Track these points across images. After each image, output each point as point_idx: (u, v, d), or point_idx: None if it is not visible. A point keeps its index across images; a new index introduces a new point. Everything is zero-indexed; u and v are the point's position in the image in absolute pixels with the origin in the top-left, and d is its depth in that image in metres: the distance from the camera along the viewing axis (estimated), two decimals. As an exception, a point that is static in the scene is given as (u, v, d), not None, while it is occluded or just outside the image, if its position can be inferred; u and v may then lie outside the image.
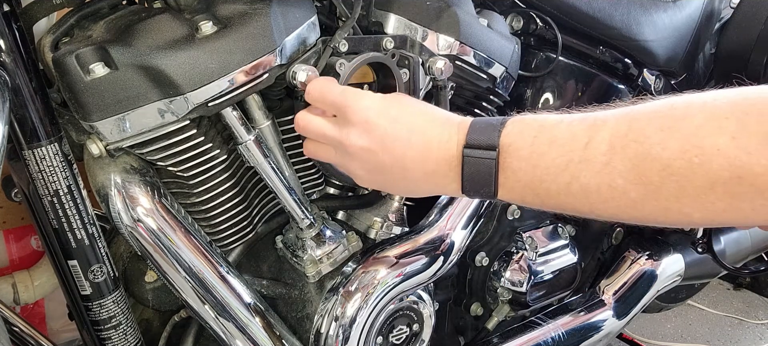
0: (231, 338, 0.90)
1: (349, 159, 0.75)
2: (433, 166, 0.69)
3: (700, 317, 2.14)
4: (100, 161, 0.80)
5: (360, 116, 0.72)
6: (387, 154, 0.71)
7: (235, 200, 0.90)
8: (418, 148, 0.70)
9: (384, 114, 0.72)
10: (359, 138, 0.72)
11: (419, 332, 1.05)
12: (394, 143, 0.71)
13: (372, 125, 0.71)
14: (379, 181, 0.75)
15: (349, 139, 0.73)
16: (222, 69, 0.76)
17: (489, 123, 0.67)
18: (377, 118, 0.71)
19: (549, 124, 0.63)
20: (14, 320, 0.91)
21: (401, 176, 0.72)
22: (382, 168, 0.72)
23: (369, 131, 0.71)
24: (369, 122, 0.71)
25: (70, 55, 0.72)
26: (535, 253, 1.22)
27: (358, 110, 0.72)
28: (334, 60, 0.83)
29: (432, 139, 0.69)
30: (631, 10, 1.22)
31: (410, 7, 0.91)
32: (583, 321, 1.30)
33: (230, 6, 0.78)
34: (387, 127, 0.71)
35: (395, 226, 1.03)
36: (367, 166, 0.74)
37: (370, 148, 0.72)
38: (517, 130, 0.64)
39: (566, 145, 0.60)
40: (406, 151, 0.70)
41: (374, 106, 0.72)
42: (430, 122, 0.71)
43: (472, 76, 1.00)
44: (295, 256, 0.97)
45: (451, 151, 0.68)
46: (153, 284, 0.96)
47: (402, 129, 0.71)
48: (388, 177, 0.73)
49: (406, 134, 0.70)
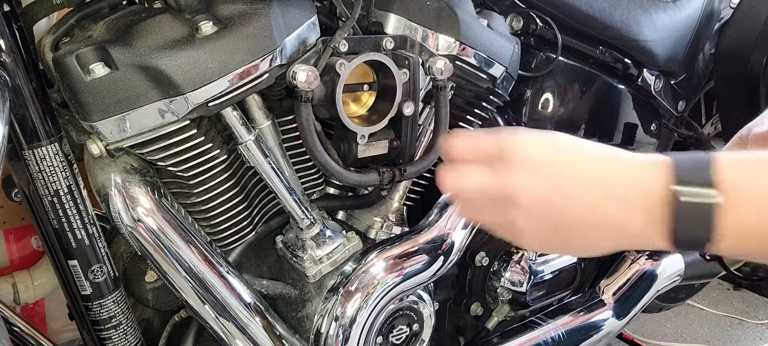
0: (231, 338, 0.90)
1: (515, 211, 0.59)
2: (625, 213, 0.56)
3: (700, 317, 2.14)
4: (100, 161, 0.80)
5: (523, 153, 0.58)
6: (562, 196, 0.57)
7: (235, 200, 0.90)
8: (601, 190, 0.56)
9: (552, 147, 0.58)
10: (525, 179, 0.57)
11: (419, 332, 1.05)
12: (571, 183, 0.57)
13: (539, 163, 0.57)
14: (554, 238, 0.60)
15: (514, 184, 0.58)
16: (222, 69, 0.76)
17: (696, 160, 0.55)
18: (544, 153, 0.58)
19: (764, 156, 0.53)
20: (14, 320, 0.91)
21: (579, 227, 0.58)
22: (557, 216, 0.58)
23: (536, 170, 0.57)
24: (535, 160, 0.58)
25: (70, 55, 0.72)
26: (535, 253, 1.22)
27: (519, 147, 0.58)
28: (334, 60, 0.83)
29: (621, 179, 0.56)
30: (631, 10, 1.22)
31: (410, 7, 0.91)
32: (583, 321, 1.30)
33: (230, 6, 0.78)
34: (558, 163, 0.57)
35: (395, 226, 1.03)
36: (537, 218, 0.58)
37: (539, 190, 0.57)
38: (735, 167, 0.54)
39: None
40: (586, 194, 0.57)
41: (538, 142, 0.58)
42: (613, 158, 0.57)
43: (472, 76, 1.00)
44: (295, 256, 0.97)
45: (650, 194, 0.55)
46: (153, 284, 0.96)
47: (578, 166, 0.57)
48: (564, 230, 0.59)
49: (585, 174, 0.57)
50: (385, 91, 0.91)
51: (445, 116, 0.95)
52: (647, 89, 1.33)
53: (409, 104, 0.89)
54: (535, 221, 0.59)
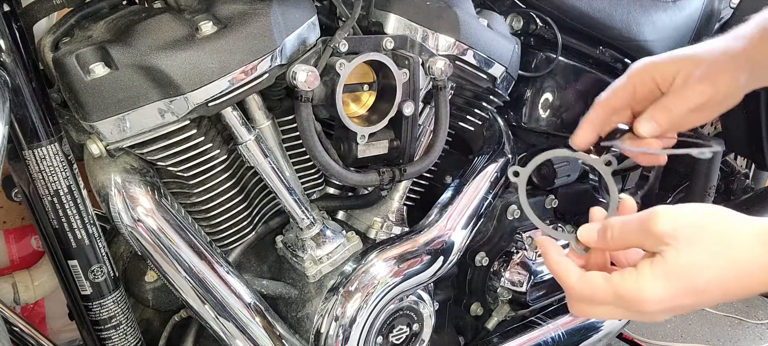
0: (231, 338, 0.90)
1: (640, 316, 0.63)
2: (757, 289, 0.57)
3: (700, 317, 2.14)
4: (100, 161, 0.80)
5: (656, 311, 0.60)
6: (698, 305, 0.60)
7: (235, 200, 0.90)
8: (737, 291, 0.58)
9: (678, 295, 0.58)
10: (666, 316, 0.61)
11: (419, 332, 1.05)
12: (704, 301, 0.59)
13: (672, 310, 0.60)
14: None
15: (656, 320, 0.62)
16: (222, 69, 0.76)
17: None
18: (676, 303, 0.59)
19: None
20: (14, 320, 0.91)
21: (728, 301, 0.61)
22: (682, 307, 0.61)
23: (674, 311, 0.60)
24: (668, 310, 0.60)
25: (70, 55, 0.72)
26: (535, 253, 1.22)
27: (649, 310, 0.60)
28: (334, 60, 0.83)
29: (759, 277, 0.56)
30: (631, 10, 1.22)
31: (410, 7, 0.91)
32: (583, 321, 1.30)
33: (230, 6, 0.78)
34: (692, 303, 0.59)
35: (395, 226, 1.03)
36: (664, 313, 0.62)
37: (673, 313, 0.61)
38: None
39: None
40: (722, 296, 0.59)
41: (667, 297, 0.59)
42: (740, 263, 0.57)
43: (472, 76, 1.00)
44: (295, 256, 0.97)
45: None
46: (153, 284, 0.96)
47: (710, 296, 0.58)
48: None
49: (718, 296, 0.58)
50: (385, 91, 0.91)
51: (445, 116, 0.95)
52: (647, 89, 1.33)
53: (409, 104, 0.89)
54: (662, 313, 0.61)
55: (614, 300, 0.62)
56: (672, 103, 0.75)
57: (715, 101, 0.75)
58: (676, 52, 0.78)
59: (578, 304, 0.66)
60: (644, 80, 0.77)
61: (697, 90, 0.74)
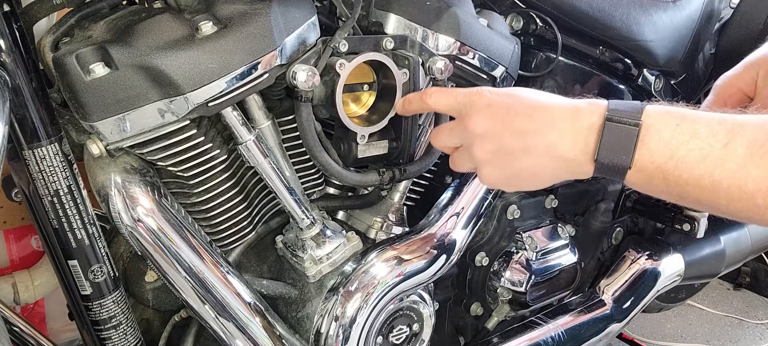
0: (231, 338, 0.90)
1: (475, 148, 0.75)
2: (559, 137, 0.69)
3: (700, 317, 2.14)
4: (100, 161, 0.80)
5: (483, 100, 0.74)
6: (508, 130, 0.71)
7: (235, 200, 0.90)
8: (541, 120, 0.70)
9: (507, 95, 0.73)
10: (483, 120, 0.73)
11: (419, 332, 1.05)
12: (516, 117, 0.71)
13: (495, 106, 0.72)
14: (501, 167, 0.74)
15: (473, 124, 0.74)
16: (222, 69, 0.76)
17: (630, 103, 0.68)
18: (499, 98, 0.73)
19: (690, 117, 0.65)
20: (14, 320, 0.91)
21: (522, 153, 0.71)
22: (503, 148, 0.72)
23: (492, 113, 0.73)
24: (491, 104, 0.73)
25: (70, 55, 0.72)
26: (535, 253, 1.22)
27: (481, 96, 0.74)
28: (334, 60, 0.83)
29: (560, 112, 0.70)
30: (631, 10, 1.22)
31: (410, 7, 0.91)
32: (583, 321, 1.30)
33: (230, 6, 0.78)
34: (509, 103, 0.72)
35: (395, 226, 1.03)
36: (490, 149, 0.74)
37: (491, 126, 0.72)
38: (660, 114, 0.66)
39: (706, 139, 0.62)
40: (528, 123, 0.70)
41: (497, 91, 0.74)
42: (557, 100, 0.71)
43: (472, 76, 1.00)
44: (295, 256, 0.97)
45: (582, 121, 0.68)
46: (153, 284, 0.96)
47: (525, 104, 0.71)
48: (510, 160, 0.73)
49: (529, 109, 0.71)
50: (385, 91, 0.91)
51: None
52: (647, 89, 1.33)
53: (409, 104, 0.89)
54: (489, 152, 0.74)
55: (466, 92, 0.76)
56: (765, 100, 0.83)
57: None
58: (748, 59, 0.86)
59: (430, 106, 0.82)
60: (731, 93, 0.84)
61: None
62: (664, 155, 0.64)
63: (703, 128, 0.63)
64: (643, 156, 0.65)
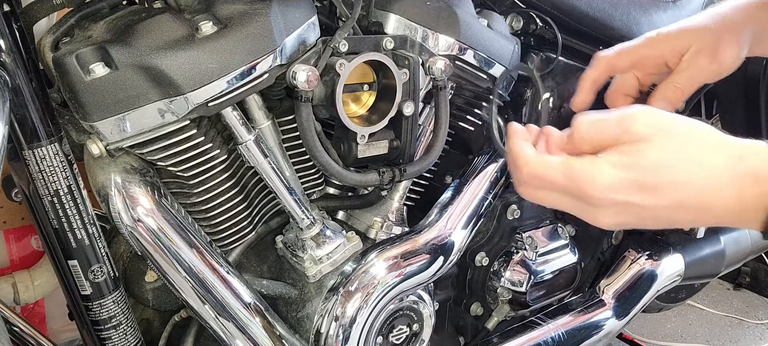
0: (231, 338, 0.90)
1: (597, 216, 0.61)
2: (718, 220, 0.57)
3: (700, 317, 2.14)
4: (100, 161, 0.80)
5: (604, 200, 0.58)
6: (653, 221, 0.59)
7: (235, 200, 0.90)
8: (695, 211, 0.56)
9: (631, 186, 0.56)
10: (613, 219, 0.59)
11: (419, 332, 1.05)
12: (660, 213, 0.57)
13: (622, 206, 0.58)
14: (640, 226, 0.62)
15: (601, 222, 0.60)
16: (222, 69, 0.76)
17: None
18: (627, 196, 0.57)
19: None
20: (14, 320, 0.91)
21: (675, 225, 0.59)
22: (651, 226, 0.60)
23: (621, 213, 0.58)
24: (618, 204, 0.58)
25: (70, 55, 0.72)
26: (535, 253, 1.22)
27: (598, 197, 0.58)
28: (334, 60, 0.83)
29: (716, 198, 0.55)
30: (631, 10, 1.22)
31: (410, 7, 0.91)
32: (583, 321, 1.30)
33: (230, 6, 0.78)
34: (643, 202, 0.57)
35: (395, 226, 1.03)
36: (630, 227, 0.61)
37: (628, 223, 0.59)
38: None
39: None
40: (678, 216, 0.57)
41: (617, 185, 0.57)
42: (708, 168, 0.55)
43: (472, 76, 1.00)
44: (295, 256, 0.97)
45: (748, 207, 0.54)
46: (153, 284, 0.96)
47: (666, 196, 0.56)
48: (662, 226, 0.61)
49: (673, 200, 0.56)
50: (385, 91, 0.91)
51: (445, 116, 0.95)
52: (647, 89, 1.33)
53: (409, 104, 0.89)
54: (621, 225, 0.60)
55: (564, 179, 0.59)
56: (682, 82, 0.79)
57: (718, 74, 0.79)
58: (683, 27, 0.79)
59: (527, 182, 0.62)
60: (652, 54, 0.80)
61: (706, 69, 0.78)
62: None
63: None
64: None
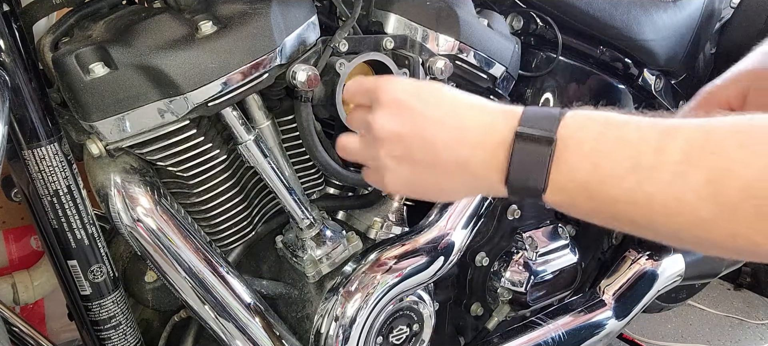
0: (231, 338, 0.89)
1: (379, 148, 0.66)
2: (470, 152, 0.61)
3: (700, 317, 2.14)
4: (100, 161, 0.80)
5: (390, 96, 0.65)
6: (417, 137, 0.63)
7: (235, 200, 0.90)
8: (452, 131, 0.61)
9: (417, 95, 0.64)
10: (388, 120, 0.64)
11: (419, 332, 1.05)
12: (425, 126, 0.62)
13: (402, 106, 0.64)
14: (406, 176, 0.66)
15: (377, 122, 0.65)
16: (222, 69, 0.76)
17: (546, 112, 0.59)
18: (409, 98, 0.64)
19: (616, 122, 0.55)
20: (14, 320, 0.91)
21: (431, 166, 0.64)
22: (411, 156, 0.64)
23: (398, 113, 0.64)
24: (400, 103, 0.64)
25: (69, 55, 0.72)
26: (535, 253, 1.22)
27: (388, 91, 0.65)
28: (334, 60, 0.83)
29: (472, 123, 0.61)
30: (632, 10, 1.22)
31: (410, 7, 0.91)
32: (584, 321, 1.30)
33: (230, 6, 0.78)
34: (419, 107, 0.63)
35: (395, 226, 1.03)
36: (395, 154, 0.65)
37: (399, 132, 0.64)
38: (580, 123, 0.56)
39: (635, 146, 0.53)
40: (438, 135, 0.62)
41: (407, 88, 0.65)
42: (471, 107, 0.62)
43: (472, 76, 1.00)
44: (295, 256, 0.97)
45: (495, 136, 0.59)
46: (153, 284, 0.96)
47: (435, 110, 0.62)
48: (417, 170, 0.65)
49: (440, 116, 0.62)
50: (385, 91, 0.90)
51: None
52: (648, 89, 1.33)
53: (409, 104, 0.89)
54: (395, 159, 0.65)
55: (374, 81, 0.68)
56: None
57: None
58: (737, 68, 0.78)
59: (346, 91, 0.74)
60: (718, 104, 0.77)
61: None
62: (585, 170, 0.55)
63: (631, 133, 0.54)
64: (561, 174, 0.56)
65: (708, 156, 0.50)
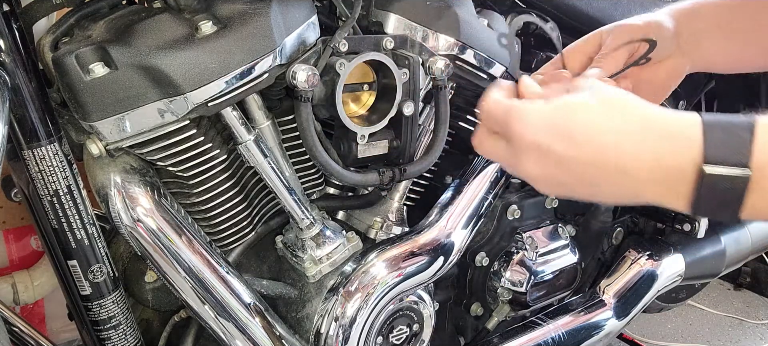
0: (231, 338, 0.89)
1: (535, 183, 0.62)
2: (642, 188, 0.55)
3: (700, 317, 2.14)
4: (100, 161, 0.80)
5: (527, 140, 0.58)
6: (575, 182, 0.58)
7: (235, 200, 0.90)
8: (615, 172, 0.55)
9: (557, 133, 0.57)
10: (535, 167, 0.59)
11: (419, 332, 1.05)
12: (581, 170, 0.57)
13: (546, 153, 0.57)
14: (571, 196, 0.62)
15: (524, 169, 0.60)
16: (222, 69, 0.76)
17: (732, 129, 0.52)
18: (551, 141, 0.57)
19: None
20: (14, 320, 0.91)
21: (596, 196, 0.59)
22: (574, 191, 0.60)
23: (545, 160, 0.58)
24: (540, 148, 0.58)
25: (69, 54, 0.72)
26: (535, 253, 1.22)
27: (523, 131, 0.59)
28: (334, 60, 0.83)
29: (638, 160, 0.54)
30: (632, 10, 1.22)
31: (410, 7, 0.91)
32: (584, 321, 1.30)
33: (230, 6, 0.78)
34: (567, 152, 0.56)
35: (395, 226, 1.03)
36: (555, 189, 0.61)
37: (554, 175, 0.59)
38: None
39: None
40: (600, 177, 0.56)
41: (543, 126, 0.58)
42: (626, 133, 0.55)
43: (472, 76, 1.00)
44: (295, 256, 0.97)
45: (672, 173, 0.53)
46: (153, 284, 0.96)
47: (588, 150, 0.56)
48: (583, 195, 0.60)
49: (594, 156, 0.56)
50: (385, 91, 0.90)
51: (445, 116, 0.95)
52: (648, 89, 1.32)
53: (409, 104, 0.89)
54: (553, 189, 0.61)
55: (503, 114, 0.60)
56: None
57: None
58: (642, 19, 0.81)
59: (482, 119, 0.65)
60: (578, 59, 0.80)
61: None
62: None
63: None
64: (761, 200, 0.51)
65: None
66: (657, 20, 0.80)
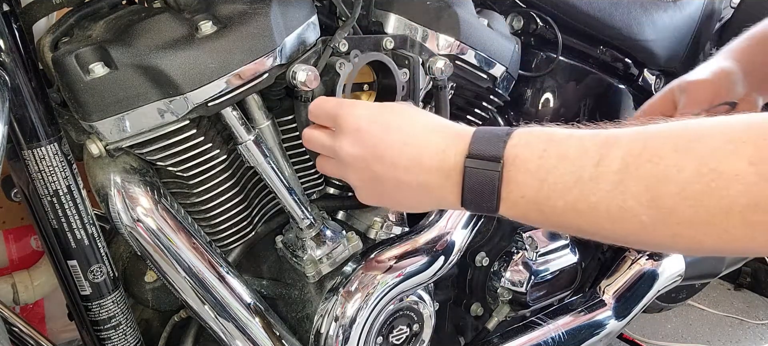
0: (231, 339, 0.89)
1: (346, 169, 0.73)
2: (427, 177, 0.66)
3: (700, 317, 2.14)
4: (100, 161, 0.80)
5: (351, 124, 0.70)
6: (379, 162, 0.68)
7: (235, 200, 0.90)
8: (411, 156, 0.67)
9: (376, 121, 0.69)
10: (351, 147, 0.70)
11: (419, 333, 1.05)
12: (386, 151, 0.68)
13: (363, 133, 0.69)
14: (376, 193, 0.73)
15: (342, 149, 0.71)
16: (222, 69, 0.76)
17: (493, 133, 0.63)
18: (369, 125, 0.69)
19: (558, 138, 0.59)
20: (14, 320, 0.91)
21: (395, 187, 0.69)
22: (376, 178, 0.70)
23: (360, 140, 0.69)
24: (360, 130, 0.69)
25: (69, 54, 0.72)
26: (535, 253, 1.22)
27: (349, 117, 0.70)
28: (334, 60, 0.83)
29: (428, 148, 0.66)
30: (632, 10, 1.22)
31: (410, 7, 0.91)
32: (584, 321, 1.30)
33: (230, 6, 0.78)
34: (379, 134, 0.68)
35: (395, 226, 1.03)
36: (362, 177, 0.71)
37: (362, 156, 0.69)
38: (525, 141, 0.61)
39: (577, 161, 0.57)
40: (399, 160, 0.67)
41: (366, 114, 0.70)
42: (427, 130, 0.68)
43: (472, 76, 1.00)
44: (295, 256, 0.97)
45: (449, 160, 0.65)
46: (153, 284, 0.96)
47: (395, 136, 0.68)
48: (384, 188, 0.70)
49: (399, 142, 0.67)
50: (385, 91, 0.90)
51: (446, 116, 0.95)
52: (648, 89, 1.33)
53: (409, 104, 0.89)
54: (360, 179, 0.72)
55: (335, 105, 0.73)
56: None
57: None
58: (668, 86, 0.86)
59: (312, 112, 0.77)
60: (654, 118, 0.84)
61: None
62: (533, 187, 0.59)
63: (573, 148, 0.58)
64: (511, 193, 0.60)
65: (645, 163, 0.53)
66: (723, 69, 0.85)
